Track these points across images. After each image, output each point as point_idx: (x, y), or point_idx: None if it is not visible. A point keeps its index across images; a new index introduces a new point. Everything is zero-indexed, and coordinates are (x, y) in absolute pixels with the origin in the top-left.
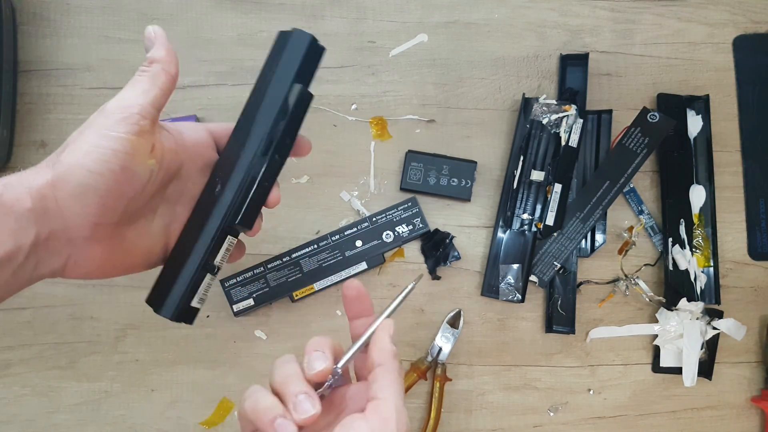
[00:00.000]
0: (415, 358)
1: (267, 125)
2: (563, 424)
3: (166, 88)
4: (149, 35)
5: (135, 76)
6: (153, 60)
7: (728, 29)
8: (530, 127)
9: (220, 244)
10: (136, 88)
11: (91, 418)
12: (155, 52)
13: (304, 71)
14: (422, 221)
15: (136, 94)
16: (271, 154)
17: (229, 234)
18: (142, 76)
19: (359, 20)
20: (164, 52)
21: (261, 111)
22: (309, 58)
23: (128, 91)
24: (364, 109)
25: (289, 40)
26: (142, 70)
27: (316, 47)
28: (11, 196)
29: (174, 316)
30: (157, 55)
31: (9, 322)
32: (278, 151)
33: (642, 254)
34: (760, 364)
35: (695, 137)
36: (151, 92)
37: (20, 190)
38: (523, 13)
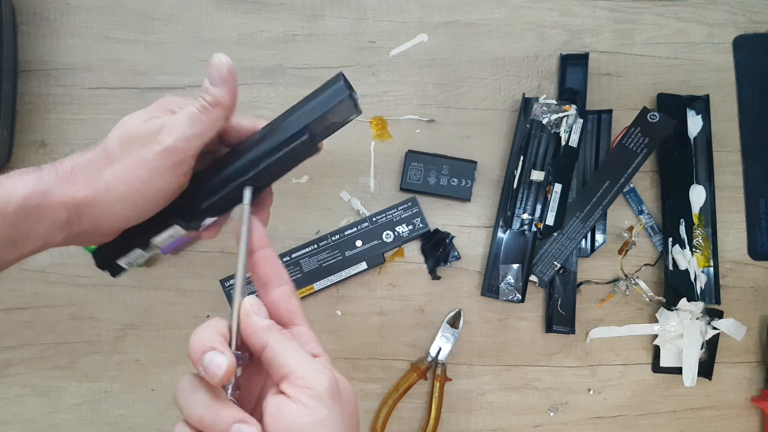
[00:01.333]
0: (415, 358)
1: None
2: (563, 424)
3: (219, 130)
4: (219, 69)
5: (196, 111)
6: (218, 103)
7: (728, 29)
8: (530, 127)
9: (163, 228)
10: (195, 128)
11: (91, 418)
12: (222, 96)
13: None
14: (422, 221)
15: (194, 134)
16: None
17: (177, 225)
18: (204, 116)
19: (359, 20)
20: (229, 98)
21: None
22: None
23: (186, 127)
24: (364, 109)
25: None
26: (204, 108)
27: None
28: (49, 206)
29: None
30: (223, 100)
31: (9, 322)
32: (253, 181)
33: (642, 254)
34: (760, 364)
35: (695, 137)
36: (206, 135)
37: (58, 202)
38: (523, 13)
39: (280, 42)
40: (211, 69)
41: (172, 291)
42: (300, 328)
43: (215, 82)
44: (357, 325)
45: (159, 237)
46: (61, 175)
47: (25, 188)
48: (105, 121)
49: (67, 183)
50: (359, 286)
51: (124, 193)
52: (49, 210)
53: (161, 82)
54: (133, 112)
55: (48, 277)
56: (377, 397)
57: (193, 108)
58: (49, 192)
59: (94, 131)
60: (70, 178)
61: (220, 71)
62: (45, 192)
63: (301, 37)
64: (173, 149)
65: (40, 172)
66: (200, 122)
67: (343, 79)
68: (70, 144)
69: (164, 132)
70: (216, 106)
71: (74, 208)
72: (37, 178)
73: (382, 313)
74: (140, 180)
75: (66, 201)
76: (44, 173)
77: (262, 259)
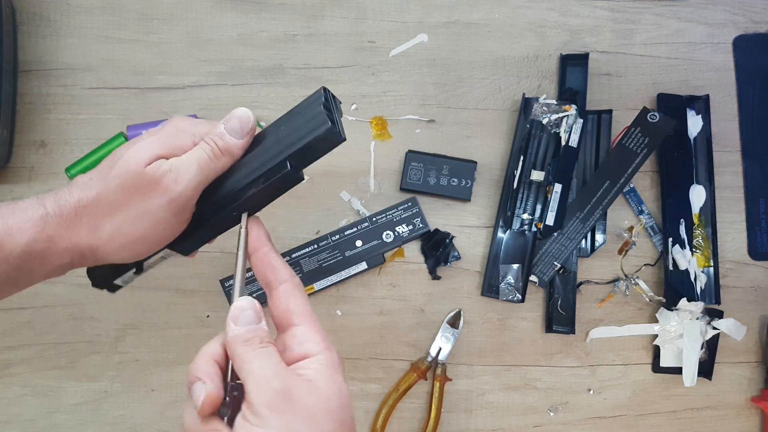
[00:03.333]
0: (415, 358)
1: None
2: (563, 424)
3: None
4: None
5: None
6: (229, 152)
7: (728, 29)
8: (530, 127)
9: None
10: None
11: (91, 418)
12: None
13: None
14: (422, 221)
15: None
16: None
17: (170, 249)
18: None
19: (359, 20)
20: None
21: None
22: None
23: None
24: (364, 109)
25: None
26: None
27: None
28: (54, 253)
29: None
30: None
31: (9, 322)
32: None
33: (642, 254)
34: (760, 364)
35: (695, 137)
36: (210, 179)
37: (62, 248)
38: (523, 13)
39: (280, 42)
40: (234, 119)
41: (172, 291)
42: (296, 329)
43: (235, 133)
44: (357, 325)
45: (152, 259)
46: (66, 218)
47: (31, 231)
48: (105, 121)
49: (71, 228)
50: (359, 286)
51: (125, 243)
52: (54, 256)
53: (161, 82)
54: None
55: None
56: (377, 397)
57: (202, 152)
58: (54, 239)
59: (94, 131)
60: (75, 223)
61: (244, 125)
62: (50, 238)
63: (301, 37)
64: (179, 200)
65: (45, 210)
66: (208, 168)
67: (323, 105)
68: (70, 144)
69: (170, 179)
70: (227, 154)
71: (78, 253)
72: (42, 221)
73: (382, 313)
74: (142, 230)
75: (69, 247)
76: (49, 214)
77: (259, 261)
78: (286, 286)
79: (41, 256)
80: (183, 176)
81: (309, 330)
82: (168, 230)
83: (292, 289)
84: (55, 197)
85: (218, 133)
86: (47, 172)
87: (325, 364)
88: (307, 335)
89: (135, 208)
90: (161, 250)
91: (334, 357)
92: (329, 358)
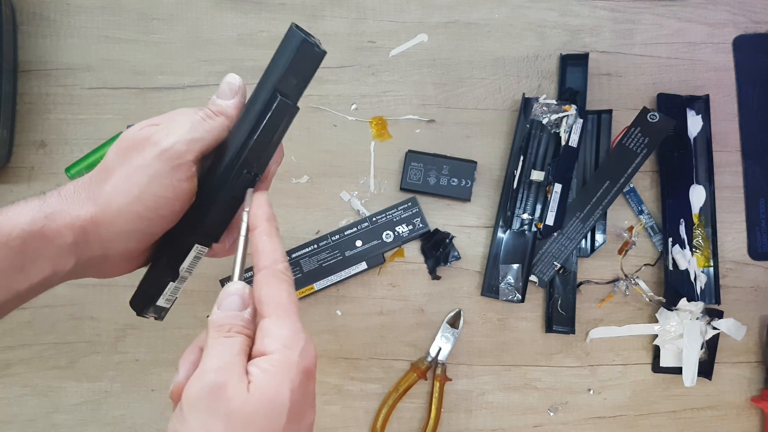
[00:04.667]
0: (415, 358)
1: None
2: (563, 424)
3: (220, 139)
4: (231, 83)
5: (198, 118)
6: (222, 112)
7: (728, 29)
8: (530, 127)
9: (185, 252)
10: (195, 132)
11: (91, 418)
12: (228, 106)
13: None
14: (422, 221)
15: (194, 138)
16: (238, 169)
17: (196, 243)
18: (206, 122)
19: (359, 20)
20: (234, 111)
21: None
22: (299, 62)
23: (186, 131)
24: (364, 109)
25: (284, 40)
26: (207, 116)
27: (309, 50)
28: (53, 229)
29: (138, 312)
30: (228, 110)
31: (9, 322)
32: (248, 166)
33: (642, 254)
34: (760, 364)
35: (695, 137)
36: (206, 141)
37: (62, 224)
38: (523, 13)
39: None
40: (223, 84)
41: None
42: (263, 322)
43: (224, 95)
44: (357, 325)
45: (185, 263)
46: (64, 197)
47: (29, 213)
48: (105, 121)
49: (70, 204)
50: (359, 286)
51: (124, 204)
52: (54, 233)
53: (161, 82)
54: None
55: None
56: (377, 397)
57: (194, 114)
58: (53, 215)
59: (94, 131)
60: (73, 199)
61: (232, 87)
62: (48, 215)
63: None
64: (170, 151)
65: (44, 197)
66: (201, 127)
67: (295, 26)
68: (70, 144)
69: (161, 134)
70: (220, 114)
71: (79, 228)
72: (40, 203)
73: (382, 313)
74: (138, 187)
75: (70, 222)
76: (48, 197)
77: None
78: (263, 273)
79: (42, 235)
80: (174, 130)
81: (273, 324)
82: (165, 189)
83: (268, 277)
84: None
85: (210, 101)
86: (47, 172)
87: (276, 364)
88: (270, 330)
89: (129, 166)
90: (190, 248)
91: (292, 358)
92: (283, 359)
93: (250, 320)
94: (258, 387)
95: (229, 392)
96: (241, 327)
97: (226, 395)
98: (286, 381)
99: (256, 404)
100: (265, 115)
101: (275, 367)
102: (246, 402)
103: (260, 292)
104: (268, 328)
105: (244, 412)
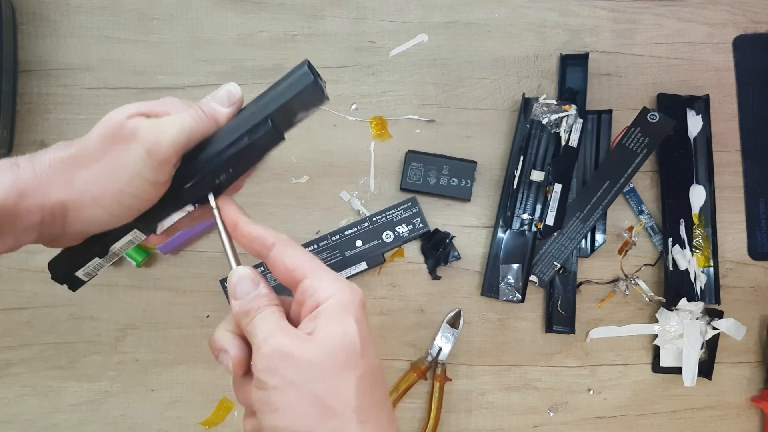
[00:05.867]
0: (415, 358)
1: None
2: (563, 424)
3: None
4: (231, 96)
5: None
6: (213, 117)
7: (728, 29)
8: (530, 127)
9: (123, 234)
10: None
11: (91, 418)
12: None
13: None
14: (422, 221)
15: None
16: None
17: (136, 228)
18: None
19: (359, 20)
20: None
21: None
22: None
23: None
24: (364, 109)
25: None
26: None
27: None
28: (23, 209)
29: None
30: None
31: (9, 322)
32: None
33: (642, 254)
34: (760, 364)
35: (695, 137)
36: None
37: (33, 204)
38: (523, 13)
39: (280, 42)
40: (222, 90)
41: (172, 291)
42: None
43: (221, 101)
44: None
45: (118, 243)
46: (38, 172)
47: (2, 187)
48: None
49: (43, 183)
50: (359, 286)
51: (98, 197)
52: (24, 213)
53: (161, 82)
54: (125, 105)
55: (48, 277)
56: None
57: (186, 114)
58: (26, 193)
59: None
60: (47, 178)
61: (231, 97)
62: (21, 193)
63: (301, 37)
64: (158, 153)
65: (17, 168)
66: (190, 129)
67: (308, 65)
68: None
69: (150, 130)
70: (211, 119)
71: (49, 210)
72: (14, 176)
73: (382, 313)
74: (117, 184)
75: (41, 203)
76: (21, 169)
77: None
78: (276, 248)
79: (12, 212)
80: (164, 130)
81: (312, 281)
82: (144, 191)
83: (283, 247)
84: (30, 156)
85: (204, 101)
86: None
87: (334, 306)
88: (311, 286)
89: (112, 159)
90: (129, 230)
91: (344, 297)
92: (337, 301)
93: (269, 293)
94: (323, 331)
95: (291, 349)
96: (265, 301)
97: (290, 352)
98: (349, 316)
99: (327, 346)
100: (252, 136)
101: (333, 309)
102: (318, 348)
103: (285, 263)
104: (310, 286)
105: (323, 355)
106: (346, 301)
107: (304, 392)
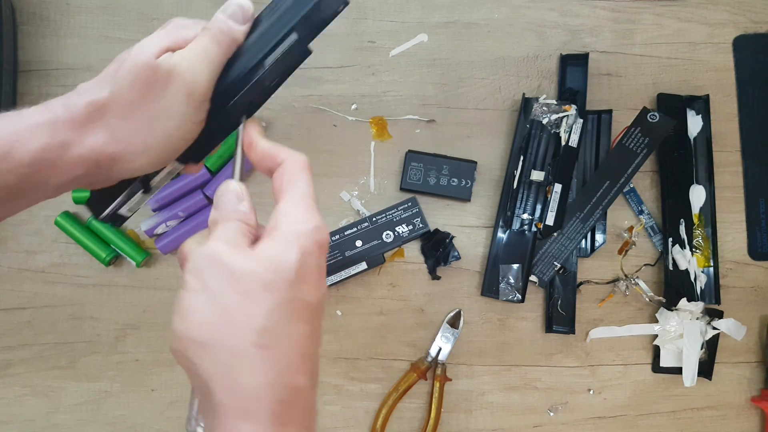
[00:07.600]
0: (415, 358)
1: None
2: (563, 424)
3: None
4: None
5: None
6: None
7: (728, 29)
8: (530, 127)
9: None
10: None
11: (91, 418)
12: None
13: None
14: (422, 221)
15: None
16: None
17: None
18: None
19: (359, 20)
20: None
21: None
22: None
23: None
24: (364, 109)
25: None
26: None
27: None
28: (67, 162)
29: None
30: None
31: (9, 322)
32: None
33: (642, 254)
34: (760, 364)
35: (695, 137)
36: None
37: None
38: (523, 13)
39: None
40: (233, 4)
41: (172, 291)
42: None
43: (237, 18)
44: (357, 325)
45: (158, 176)
46: (77, 123)
47: (41, 138)
48: None
49: (85, 134)
50: (359, 286)
51: (148, 146)
52: (67, 165)
53: None
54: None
55: (48, 277)
56: (377, 397)
57: (207, 40)
58: (68, 145)
59: None
60: (88, 128)
61: (245, 12)
62: (63, 145)
63: None
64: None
65: (53, 114)
66: (217, 58)
67: None
68: None
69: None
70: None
71: (93, 162)
72: (51, 126)
73: (382, 313)
74: (165, 132)
75: (86, 155)
76: (59, 118)
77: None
78: (287, 162)
79: (54, 166)
80: (198, 68)
81: (287, 204)
82: (190, 131)
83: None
84: (62, 101)
85: (219, 19)
86: None
87: (285, 233)
88: (286, 209)
89: (153, 105)
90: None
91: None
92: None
93: (247, 212)
94: (262, 249)
95: (225, 258)
96: (237, 216)
97: (222, 260)
98: (294, 245)
99: (258, 262)
100: (279, 52)
101: (285, 234)
102: (248, 262)
103: (280, 179)
104: (282, 209)
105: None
106: (302, 232)
107: (215, 300)
